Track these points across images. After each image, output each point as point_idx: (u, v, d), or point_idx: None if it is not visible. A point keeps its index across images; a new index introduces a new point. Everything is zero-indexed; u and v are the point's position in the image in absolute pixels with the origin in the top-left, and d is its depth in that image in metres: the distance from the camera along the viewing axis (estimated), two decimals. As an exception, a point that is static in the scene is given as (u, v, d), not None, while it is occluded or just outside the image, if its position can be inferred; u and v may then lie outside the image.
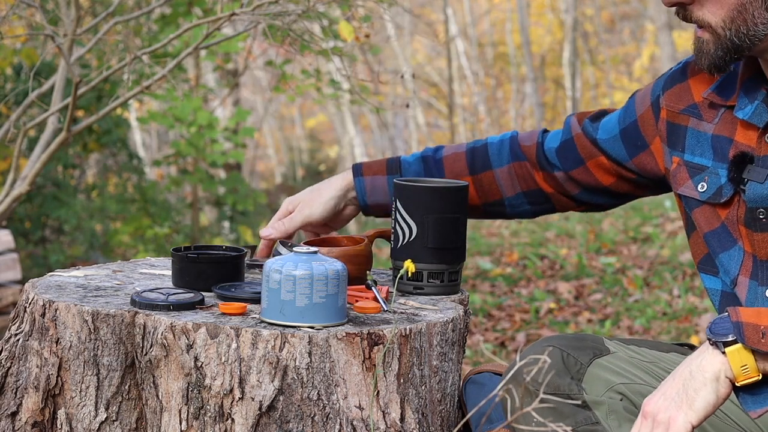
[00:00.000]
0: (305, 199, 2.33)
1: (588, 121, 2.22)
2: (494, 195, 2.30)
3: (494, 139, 2.33)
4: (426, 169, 2.31)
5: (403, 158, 2.35)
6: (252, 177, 17.22)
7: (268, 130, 21.27)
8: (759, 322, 1.72)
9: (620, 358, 1.93)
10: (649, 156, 2.13)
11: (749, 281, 1.92)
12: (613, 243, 7.60)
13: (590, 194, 2.25)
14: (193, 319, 1.91)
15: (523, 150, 2.28)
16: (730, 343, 1.74)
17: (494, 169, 2.29)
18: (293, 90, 7.72)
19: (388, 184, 2.32)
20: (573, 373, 1.86)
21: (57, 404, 1.98)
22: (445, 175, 2.31)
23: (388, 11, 4.20)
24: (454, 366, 2.06)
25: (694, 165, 2.01)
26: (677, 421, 1.73)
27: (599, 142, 2.19)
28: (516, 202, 2.30)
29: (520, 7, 19.00)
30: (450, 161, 2.31)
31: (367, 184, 2.33)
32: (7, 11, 3.22)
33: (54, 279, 2.17)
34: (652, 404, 1.76)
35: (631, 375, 1.90)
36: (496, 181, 2.29)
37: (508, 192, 2.30)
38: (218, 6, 3.18)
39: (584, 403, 1.85)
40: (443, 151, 2.34)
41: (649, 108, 2.12)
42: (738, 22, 1.83)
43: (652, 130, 2.12)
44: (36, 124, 3.34)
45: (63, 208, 8.77)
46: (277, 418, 1.87)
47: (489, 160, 2.29)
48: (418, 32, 20.32)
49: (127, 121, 10.45)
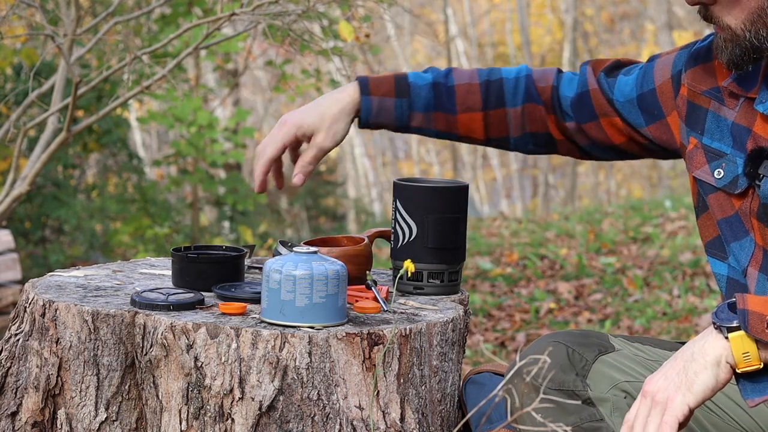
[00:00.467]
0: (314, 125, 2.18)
1: (603, 75, 2.17)
2: (501, 132, 2.24)
3: (509, 74, 2.24)
4: (437, 97, 2.22)
5: (412, 81, 2.23)
6: (252, 177, 17.22)
7: (268, 130, 21.26)
8: (765, 312, 1.71)
9: (625, 355, 1.93)
10: (664, 126, 2.11)
11: (759, 274, 1.92)
12: (613, 243, 7.60)
13: (598, 149, 2.22)
14: (193, 319, 1.91)
15: (539, 91, 2.22)
16: (734, 329, 1.74)
17: (508, 107, 2.22)
18: (293, 90, 7.72)
19: (395, 106, 2.21)
20: (578, 369, 1.86)
21: (57, 404, 1.98)
22: (456, 106, 2.22)
23: (388, 11, 4.20)
24: (454, 366, 2.06)
25: (713, 150, 2.00)
26: (675, 401, 1.73)
27: (615, 103, 2.15)
28: (521, 142, 2.25)
29: (520, 7, 19.00)
30: (463, 92, 2.22)
31: (374, 105, 2.21)
32: (7, 11, 3.22)
33: (54, 279, 2.17)
34: (652, 384, 1.76)
35: (635, 373, 1.90)
36: (506, 119, 2.23)
37: (515, 132, 2.23)
38: (218, 6, 3.18)
39: (589, 399, 1.85)
40: (454, 77, 2.24)
41: (669, 80, 2.09)
42: (758, 26, 1.82)
43: (671, 102, 2.09)
44: (36, 124, 3.34)
45: (63, 208, 8.77)
46: (277, 418, 1.87)
47: (504, 98, 2.22)
48: (418, 32, 20.32)
49: (127, 121, 10.45)
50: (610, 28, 22.59)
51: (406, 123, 2.22)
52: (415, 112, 2.20)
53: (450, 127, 2.23)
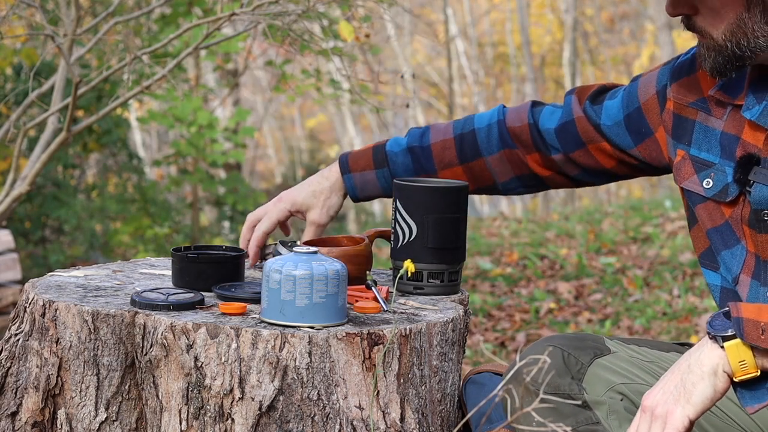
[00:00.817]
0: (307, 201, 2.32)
1: (588, 103, 2.19)
2: (487, 181, 2.29)
3: (481, 122, 2.28)
4: (414, 161, 2.29)
5: (388, 150, 2.31)
6: (252, 177, 17.23)
7: (268, 130, 21.28)
8: (759, 318, 1.72)
9: (621, 357, 1.93)
10: (653, 143, 2.12)
11: (751, 280, 1.92)
12: (613, 243, 7.60)
13: (589, 175, 2.23)
14: (193, 319, 1.91)
15: (513, 134, 2.25)
16: (729, 338, 1.74)
17: (485, 157, 2.27)
18: (293, 90, 7.72)
19: (377, 177, 2.31)
20: (574, 372, 1.86)
21: (57, 404, 1.98)
22: (434, 165, 2.28)
23: (388, 11, 4.20)
24: (454, 366, 2.06)
25: (701, 160, 2.01)
26: (675, 415, 1.73)
27: (603, 128, 2.17)
28: (510, 186, 2.29)
29: (520, 7, 18.99)
30: (438, 150, 2.28)
31: (357, 181, 2.32)
32: (7, 11, 3.22)
33: (54, 279, 2.17)
34: (650, 398, 1.76)
35: (631, 375, 1.90)
36: (487, 168, 2.27)
37: (500, 178, 2.28)
38: (218, 6, 3.18)
39: (585, 403, 1.85)
40: (430, 136, 2.30)
41: (654, 96, 2.11)
42: (738, 35, 1.84)
43: (656, 118, 2.10)
44: (36, 124, 3.34)
45: (63, 208, 8.77)
46: (277, 418, 1.87)
47: (479, 148, 2.27)
48: (418, 32, 20.32)
49: (127, 121, 10.45)
50: (610, 28, 22.58)
51: None
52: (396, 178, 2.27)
53: None
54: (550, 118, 2.23)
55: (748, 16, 1.82)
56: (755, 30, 1.83)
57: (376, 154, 2.32)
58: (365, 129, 21.46)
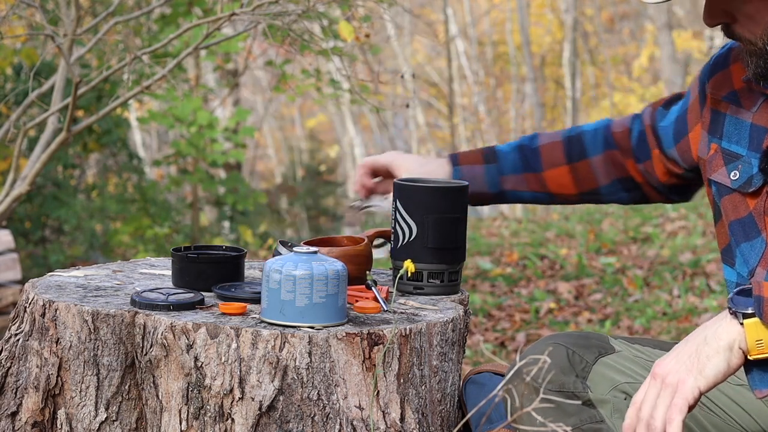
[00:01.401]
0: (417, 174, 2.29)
1: (661, 108, 2.22)
2: (590, 184, 2.30)
3: (589, 127, 2.32)
4: (522, 158, 2.30)
5: (498, 149, 2.34)
6: (252, 177, 17.23)
7: (268, 130, 21.27)
8: None
9: (625, 357, 1.93)
10: (686, 144, 2.13)
11: (766, 273, 1.92)
12: (613, 243, 7.60)
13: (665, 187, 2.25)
14: (193, 319, 1.91)
15: (615, 137, 2.27)
16: (749, 316, 1.73)
17: (590, 157, 2.28)
18: (293, 90, 7.72)
19: (485, 173, 2.31)
20: (578, 371, 1.86)
21: (57, 404, 1.98)
22: (542, 163, 2.30)
23: (388, 11, 4.20)
24: (454, 366, 2.06)
25: (730, 152, 2.01)
26: (686, 384, 1.73)
27: (659, 129, 2.19)
28: (612, 189, 2.30)
29: (520, 7, 18.99)
30: (547, 150, 2.30)
31: (465, 174, 2.31)
32: (7, 11, 3.22)
33: (54, 279, 2.17)
34: (663, 366, 1.76)
35: (635, 374, 1.90)
36: (592, 170, 2.28)
37: (603, 180, 2.29)
38: (218, 6, 3.18)
39: (589, 401, 1.85)
40: (539, 139, 2.33)
41: (697, 97, 2.12)
42: None
43: (696, 116, 2.11)
44: (36, 124, 3.34)
45: (63, 208, 8.77)
46: (277, 418, 1.87)
47: (585, 149, 2.28)
48: (418, 32, 20.31)
49: (127, 121, 10.45)
50: (610, 28, 22.58)
51: (499, 188, 2.30)
52: (506, 176, 2.29)
53: (542, 186, 2.30)
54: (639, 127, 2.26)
55: None
56: None
57: (485, 152, 2.33)
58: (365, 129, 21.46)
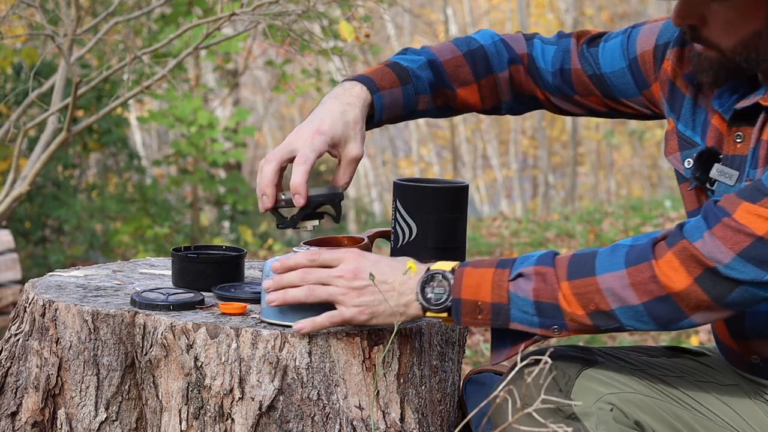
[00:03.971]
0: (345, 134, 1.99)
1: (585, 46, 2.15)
2: (494, 100, 2.21)
3: (485, 39, 2.19)
4: (436, 74, 2.14)
5: (407, 66, 2.12)
6: (252, 177, 17.21)
7: (268, 130, 21.27)
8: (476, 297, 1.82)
9: (609, 367, 1.90)
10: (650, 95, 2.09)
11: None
12: (613, 243, 7.60)
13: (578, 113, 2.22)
14: (193, 319, 1.91)
15: (519, 54, 2.19)
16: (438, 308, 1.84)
17: (496, 73, 2.18)
18: (293, 90, 7.72)
19: (403, 95, 2.10)
20: (561, 386, 1.84)
21: (57, 404, 1.98)
22: (451, 81, 2.15)
23: (388, 11, 4.20)
24: (454, 366, 2.06)
25: (686, 138, 1.99)
26: (355, 319, 1.84)
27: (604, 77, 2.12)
28: (512, 105, 2.23)
29: (520, 7, 19.00)
30: (452, 67, 2.16)
31: (386, 100, 2.07)
32: (7, 11, 3.22)
33: (54, 279, 2.17)
34: (362, 270, 1.84)
35: (620, 384, 1.88)
36: (497, 86, 2.20)
37: (506, 96, 2.21)
38: (218, 6, 3.18)
39: (573, 414, 1.82)
40: (437, 55, 2.16)
41: (651, 50, 2.06)
42: (750, 49, 1.81)
43: (652, 73, 2.07)
44: (36, 124, 3.34)
45: (63, 208, 8.77)
46: (277, 418, 1.87)
47: (490, 64, 2.18)
48: (418, 32, 20.31)
49: (127, 120, 10.45)
50: (610, 27, 22.58)
51: (413, 108, 2.13)
52: (420, 95, 2.13)
53: (449, 102, 2.19)
54: (545, 57, 2.18)
55: (765, 29, 1.79)
56: None
57: (396, 71, 2.09)
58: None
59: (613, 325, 1.77)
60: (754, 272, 1.70)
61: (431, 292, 1.83)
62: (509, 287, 1.80)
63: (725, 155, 1.89)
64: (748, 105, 1.85)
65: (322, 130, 1.96)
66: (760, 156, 1.83)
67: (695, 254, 1.71)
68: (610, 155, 21.43)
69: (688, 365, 2.01)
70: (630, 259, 1.76)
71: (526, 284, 1.79)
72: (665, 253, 1.74)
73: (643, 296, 1.74)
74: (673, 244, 1.74)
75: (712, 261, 1.71)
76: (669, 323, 1.75)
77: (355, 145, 2.00)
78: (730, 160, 1.89)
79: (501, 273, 1.82)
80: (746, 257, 1.70)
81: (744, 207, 1.71)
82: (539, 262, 1.80)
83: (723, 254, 1.70)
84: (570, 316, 1.78)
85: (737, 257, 1.70)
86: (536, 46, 2.20)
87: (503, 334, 1.85)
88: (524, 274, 1.80)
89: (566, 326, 1.78)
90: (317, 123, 1.97)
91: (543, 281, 1.79)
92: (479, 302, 1.80)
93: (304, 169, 1.93)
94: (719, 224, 1.71)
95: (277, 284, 1.87)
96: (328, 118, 1.98)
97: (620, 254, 1.77)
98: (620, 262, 1.76)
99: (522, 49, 2.20)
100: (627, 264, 1.75)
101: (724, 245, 1.70)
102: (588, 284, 1.76)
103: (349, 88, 2.04)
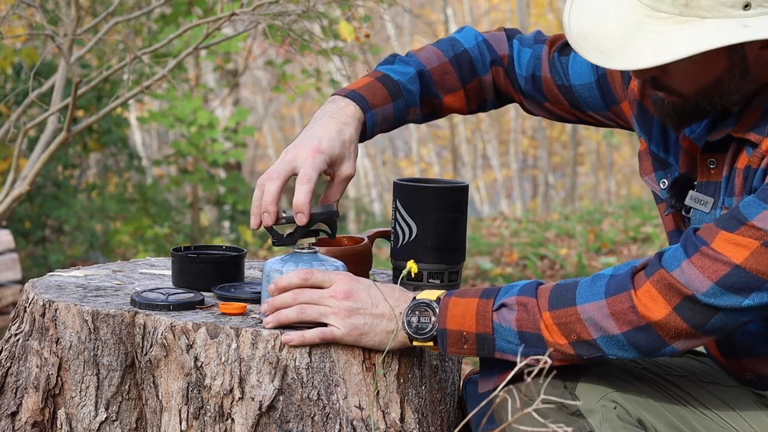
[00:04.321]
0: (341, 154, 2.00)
1: (556, 55, 2.15)
2: (479, 101, 2.23)
3: (468, 41, 2.20)
4: (424, 86, 2.15)
5: (396, 78, 2.12)
6: (252, 177, 17.22)
7: (268, 130, 21.27)
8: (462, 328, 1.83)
9: (614, 365, 1.91)
10: (621, 112, 2.09)
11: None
12: (613, 243, 7.60)
13: (553, 116, 2.22)
14: (193, 319, 1.91)
15: (501, 56, 2.21)
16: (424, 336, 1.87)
17: (481, 76, 2.20)
18: (293, 90, 7.72)
19: (394, 110, 2.10)
20: (566, 382, 1.85)
21: (57, 404, 1.98)
22: (438, 89, 2.17)
23: (388, 11, 4.20)
24: (454, 366, 2.06)
25: (660, 158, 1.99)
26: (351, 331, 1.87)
27: (573, 89, 2.13)
28: (496, 103, 2.25)
29: (520, 7, 18.99)
30: (439, 75, 2.17)
31: (378, 117, 2.08)
32: (7, 11, 3.22)
33: (54, 279, 2.17)
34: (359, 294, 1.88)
35: (623, 382, 1.88)
36: (482, 88, 2.22)
37: (490, 96, 2.23)
38: (218, 6, 3.18)
39: (578, 412, 1.83)
40: (424, 63, 2.17)
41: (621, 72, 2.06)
42: (712, 94, 1.81)
43: (622, 91, 2.07)
44: (36, 124, 3.34)
45: (63, 208, 8.77)
46: (277, 418, 1.87)
47: (475, 67, 2.20)
48: (418, 32, 20.31)
49: (127, 121, 10.46)
50: (610, 28, 22.54)
51: (403, 121, 2.15)
52: (411, 108, 2.14)
53: (435, 109, 2.21)
54: (520, 62, 2.19)
55: (729, 77, 1.79)
56: (731, 87, 1.80)
57: (387, 86, 2.10)
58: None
59: (595, 354, 1.79)
60: (733, 299, 1.72)
61: (417, 321, 1.86)
62: (493, 317, 1.82)
63: (699, 182, 1.91)
64: (719, 138, 1.86)
65: (321, 149, 1.96)
66: (736, 184, 1.84)
67: (673, 283, 1.73)
68: (610, 155, 21.43)
69: (692, 365, 2.01)
70: (610, 290, 1.77)
71: (509, 314, 1.81)
72: (644, 282, 1.75)
73: (623, 326, 1.75)
74: (651, 273, 1.75)
75: (690, 289, 1.72)
76: (651, 351, 1.77)
77: (349, 164, 2.01)
78: (704, 186, 1.90)
79: (485, 303, 1.83)
80: (724, 285, 1.71)
81: (722, 236, 1.73)
82: (522, 293, 1.82)
83: (701, 282, 1.72)
84: (553, 345, 1.79)
85: (715, 285, 1.71)
86: (515, 47, 2.21)
87: (492, 362, 1.87)
88: (507, 304, 1.82)
89: (550, 356, 1.80)
90: (316, 142, 1.97)
91: (525, 311, 1.80)
92: (464, 332, 1.82)
93: (309, 188, 1.93)
94: (698, 253, 1.73)
95: (272, 307, 1.89)
96: (326, 137, 1.98)
97: (600, 284, 1.78)
98: (600, 292, 1.77)
99: (503, 50, 2.21)
100: (607, 294, 1.77)
101: (702, 274, 1.72)
102: (569, 314, 1.78)
103: (344, 107, 2.04)
